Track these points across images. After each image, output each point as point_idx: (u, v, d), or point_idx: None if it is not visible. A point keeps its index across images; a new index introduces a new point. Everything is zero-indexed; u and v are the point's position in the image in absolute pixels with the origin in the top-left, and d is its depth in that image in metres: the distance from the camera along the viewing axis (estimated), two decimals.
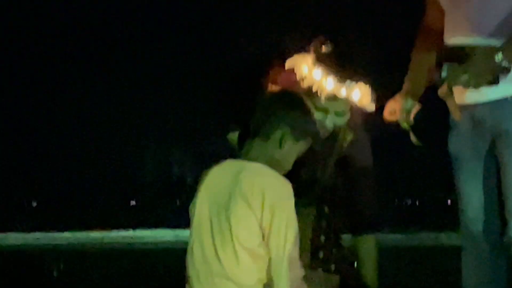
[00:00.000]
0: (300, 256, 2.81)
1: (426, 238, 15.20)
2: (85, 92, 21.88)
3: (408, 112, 3.37)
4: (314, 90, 3.21)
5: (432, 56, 3.34)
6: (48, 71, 21.43)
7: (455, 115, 3.28)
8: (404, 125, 3.37)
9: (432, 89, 3.39)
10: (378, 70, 3.51)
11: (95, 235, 16.31)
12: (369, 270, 3.57)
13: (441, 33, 3.31)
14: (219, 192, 2.81)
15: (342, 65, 3.26)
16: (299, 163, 2.96)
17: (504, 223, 3.23)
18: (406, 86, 3.43)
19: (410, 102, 3.38)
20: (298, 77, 3.24)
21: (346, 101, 3.24)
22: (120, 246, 14.31)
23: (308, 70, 3.23)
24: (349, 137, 3.47)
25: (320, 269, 3.51)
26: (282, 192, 2.76)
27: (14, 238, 15.53)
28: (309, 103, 2.99)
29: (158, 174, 22.44)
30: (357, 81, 3.23)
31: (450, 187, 3.41)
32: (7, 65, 20.86)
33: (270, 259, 2.76)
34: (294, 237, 2.75)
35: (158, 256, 11.65)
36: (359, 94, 3.21)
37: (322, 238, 3.54)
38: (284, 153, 2.86)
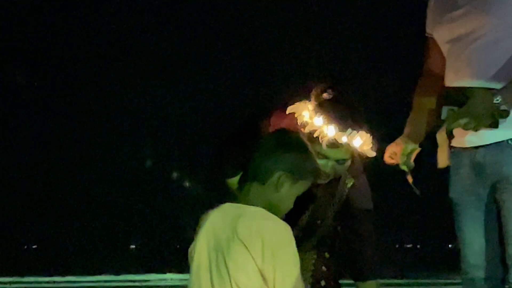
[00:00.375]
0: None
1: (427, 283, 15.11)
2: (89, 140, 21.96)
3: (409, 155, 3.37)
4: (315, 136, 3.19)
5: (433, 100, 3.35)
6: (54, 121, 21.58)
7: (441, 162, 3.30)
8: (404, 168, 3.37)
9: (432, 134, 3.39)
10: (379, 118, 3.51)
11: (97, 279, 16.23)
12: None
13: (442, 77, 3.32)
14: (217, 236, 2.79)
15: (343, 113, 3.24)
16: (299, 208, 2.94)
17: (505, 269, 3.21)
18: (407, 129, 3.43)
19: (410, 145, 3.38)
20: (299, 123, 3.22)
21: (347, 148, 3.21)
22: None
23: (309, 117, 3.21)
24: (350, 183, 3.46)
25: None
26: (282, 236, 2.72)
27: (14, 282, 15.44)
28: (309, 147, 2.96)
29: (159, 218, 22.39)
30: (358, 129, 3.20)
31: (451, 232, 3.39)
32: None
33: None
34: (296, 280, 2.71)
35: None
36: (360, 141, 3.19)
37: (322, 283, 3.51)
38: (281, 196, 2.82)
